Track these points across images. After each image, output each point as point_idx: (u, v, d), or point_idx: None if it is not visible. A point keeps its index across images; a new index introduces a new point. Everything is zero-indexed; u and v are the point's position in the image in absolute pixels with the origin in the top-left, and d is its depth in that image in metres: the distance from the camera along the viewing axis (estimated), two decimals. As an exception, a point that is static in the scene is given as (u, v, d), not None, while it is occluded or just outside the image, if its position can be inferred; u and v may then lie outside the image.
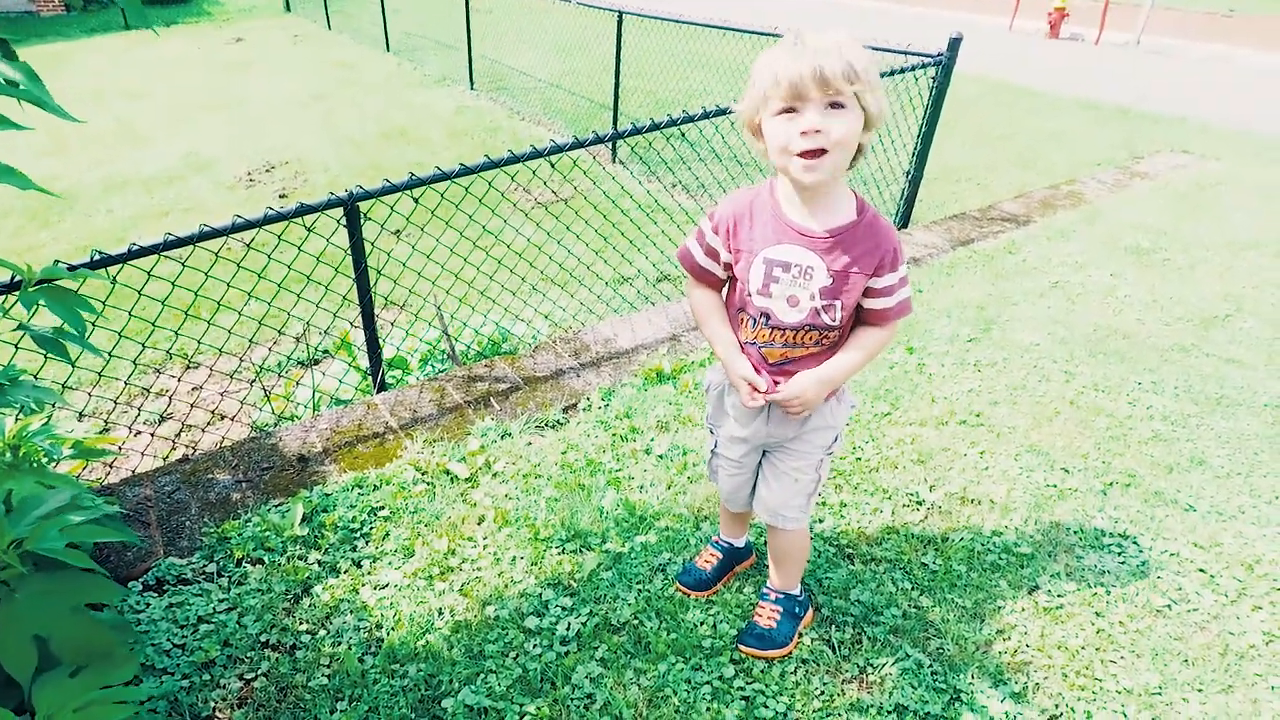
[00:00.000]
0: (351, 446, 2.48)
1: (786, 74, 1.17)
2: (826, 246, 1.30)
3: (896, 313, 1.37)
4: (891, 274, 1.33)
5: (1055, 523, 2.13)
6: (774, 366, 1.42)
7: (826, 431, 1.52)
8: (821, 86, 1.16)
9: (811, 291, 1.32)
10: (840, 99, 1.18)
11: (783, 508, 1.59)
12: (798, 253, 1.32)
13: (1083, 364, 2.91)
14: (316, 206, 2.43)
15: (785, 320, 1.36)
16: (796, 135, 1.20)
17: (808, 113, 1.19)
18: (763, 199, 1.37)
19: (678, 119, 3.09)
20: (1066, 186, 5.00)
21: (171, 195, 6.28)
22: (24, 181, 0.86)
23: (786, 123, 1.21)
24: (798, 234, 1.32)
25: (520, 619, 1.79)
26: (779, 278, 1.33)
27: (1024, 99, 8.09)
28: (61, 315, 1.06)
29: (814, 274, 1.31)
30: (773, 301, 1.36)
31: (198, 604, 1.84)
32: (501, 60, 9.51)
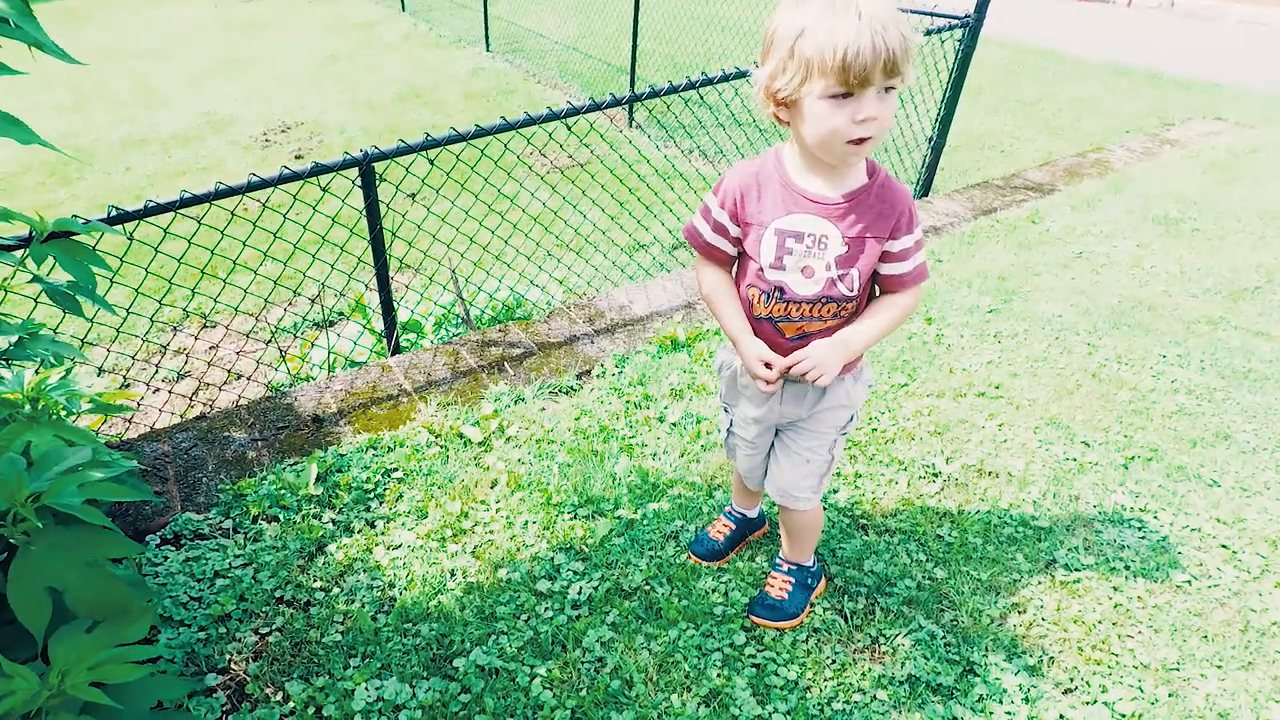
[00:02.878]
0: (366, 408, 2.48)
1: (856, 57, 1.04)
2: (840, 213, 1.24)
3: (915, 277, 1.31)
4: (908, 236, 1.27)
5: (1074, 496, 2.10)
6: (790, 341, 1.36)
7: (841, 410, 1.47)
8: (887, 71, 1.06)
9: (827, 261, 1.26)
10: (894, 83, 1.10)
11: (793, 488, 1.55)
12: (811, 222, 1.25)
13: (1106, 336, 2.84)
14: (332, 166, 2.40)
15: (800, 293, 1.30)
16: (850, 123, 1.11)
17: (867, 100, 1.09)
18: (769, 168, 1.30)
19: (696, 82, 3.01)
20: (1093, 154, 4.86)
21: (189, 154, 6.27)
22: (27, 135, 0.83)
23: (837, 108, 1.10)
24: (810, 202, 1.25)
25: (532, 582, 1.80)
26: (792, 249, 1.27)
27: (1052, 64, 7.84)
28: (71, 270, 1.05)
29: (828, 243, 1.25)
30: (786, 274, 1.29)
31: (214, 559, 1.86)
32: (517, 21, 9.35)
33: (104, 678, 0.95)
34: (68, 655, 0.96)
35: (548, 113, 2.73)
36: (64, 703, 0.94)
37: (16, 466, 1.07)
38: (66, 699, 0.93)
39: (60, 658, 0.95)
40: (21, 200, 5.51)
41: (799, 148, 1.25)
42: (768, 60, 1.17)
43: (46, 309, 2.07)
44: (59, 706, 0.94)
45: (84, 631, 1.01)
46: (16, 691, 0.89)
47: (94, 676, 0.94)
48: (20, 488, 1.01)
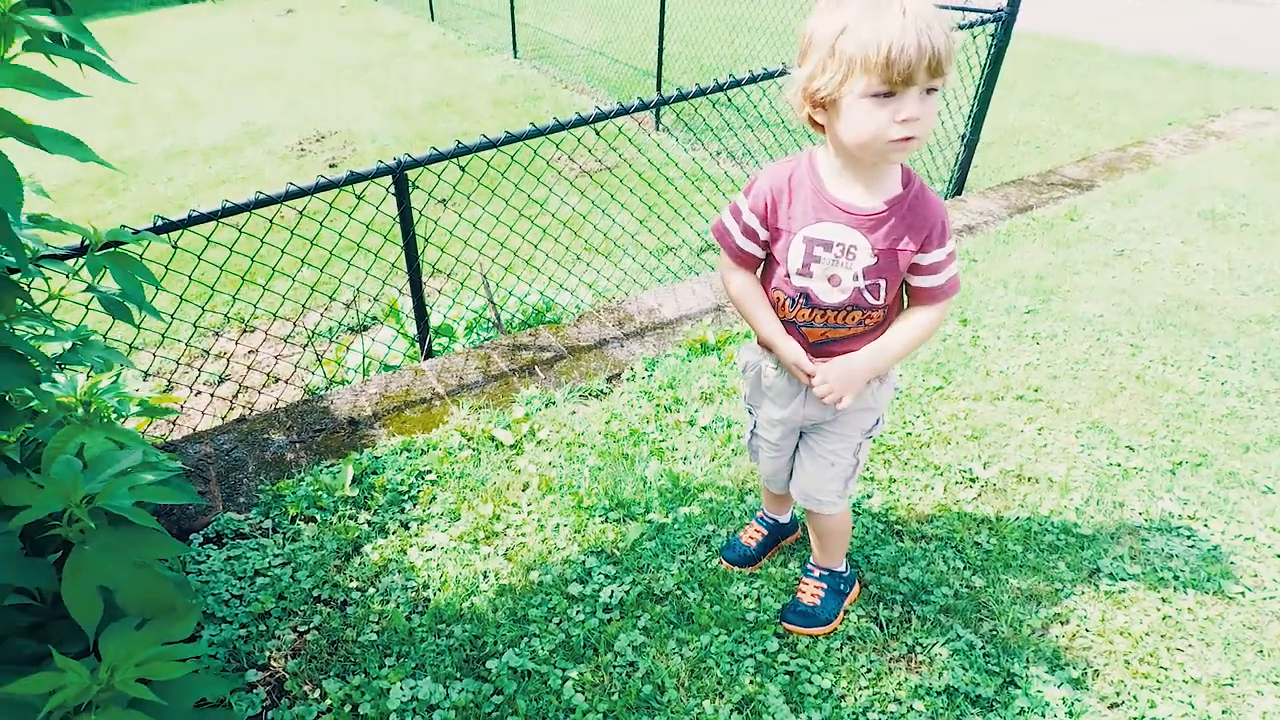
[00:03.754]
0: (400, 411, 2.51)
1: (900, 54, 1.02)
2: (870, 224, 1.22)
3: (946, 291, 1.28)
4: (939, 249, 1.24)
5: (1119, 503, 2.04)
6: (814, 346, 1.35)
7: (867, 414, 1.45)
8: (933, 71, 1.04)
9: (855, 271, 1.24)
10: (937, 84, 1.08)
11: (817, 492, 1.53)
12: (840, 231, 1.23)
13: (1150, 336, 2.76)
14: (366, 175, 2.44)
15: (826, 301, 1.28)
16: (893, 123, 1.08)
17: (909, 99, 1.07)
18: (801, 173, 1.27)
19: (724, 84, 3.00)
20: (1134, 148, 4.73)
21: (228, 164, 6.42)
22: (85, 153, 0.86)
23: (878, 108, 1.08)
24: (840, 211, 1.23)
25: (563, 585, 1.80)
26: (820, 257, 1.25)
27: (1088, 56, 7.66)
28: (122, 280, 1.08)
29: (857, 253, 1.23)
30: (813, 281, 1.28)
31: (254, 558, 1.90)
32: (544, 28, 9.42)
33: (151, 674, 0.97)
34: (117, 651, 0.98)
35: (576, 118, 2.74)
36: (113, 697, 0.97)
37: (73, 469, 1.11)
38: (115, 694, 0.96)
39: (110, 654, 0.97)
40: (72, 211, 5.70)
41: (834, 151, 1.23)
42: (806, 61, 1.15)
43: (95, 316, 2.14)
44: (108, 701, 0.97)
45: (133, 629, 1.04)
46: (68, 685, 0.92)
47: (141, 673, 0.96)
48: (76, 489, 1.04)
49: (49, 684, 0.91)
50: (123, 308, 1.15)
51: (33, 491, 1.03)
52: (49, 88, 0.75)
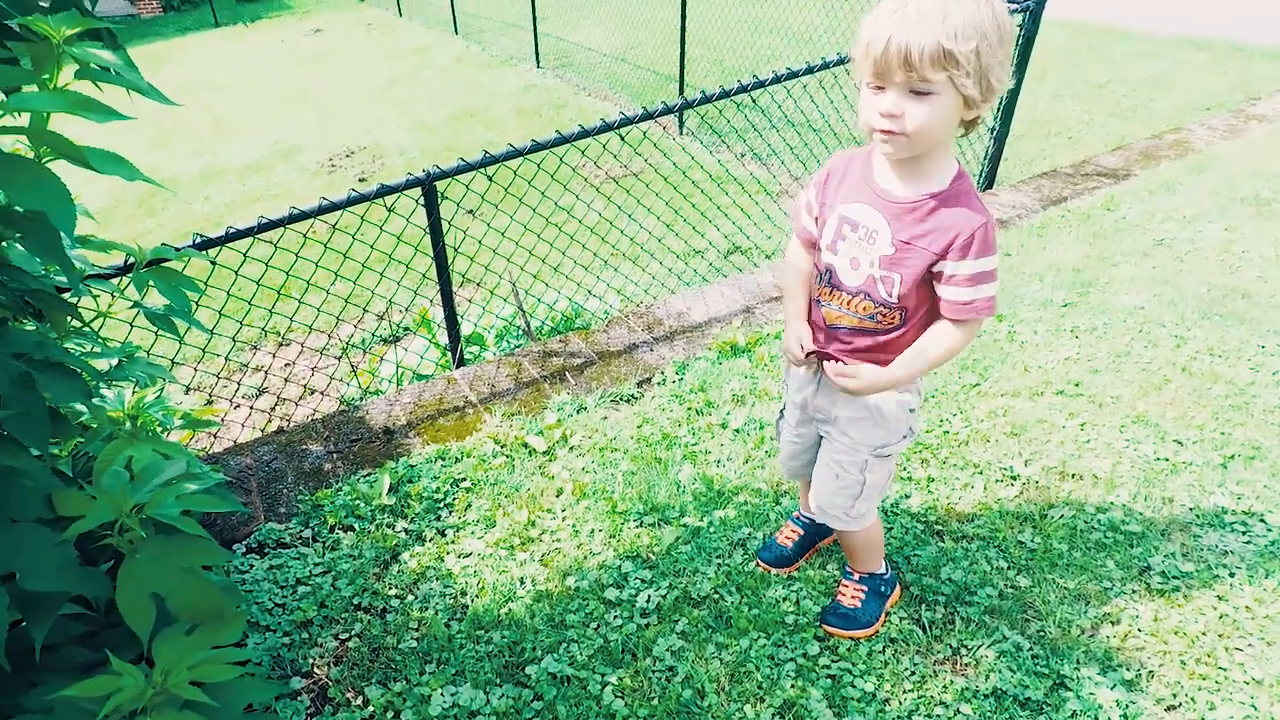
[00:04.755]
0: (433, 420, 2.54)
1: (873, 47, 1.07)
2: (897, 213, 1.21)
3: (970, 310, 1.22)
4: (965, 261, 1.18)
5: (1168, 499, 1.98)
6: (827, 328, 1.37)
7: (871, 427, 1.42)
8: (905, 69, 1.05)
9: (872, 257, 1.25)
10: (926, 86, 1.07)
11: (827, 504, 1.52)
12: (868, 214, 1.25)
13: (1195, 327, 2.68)
14: (396, 187, 2.48)
15: (844, 281, 1.30)
16: (876, 113, 1.12)
17: (890, 94, 1.10)
18: (861, 158, 1.30)
19: (747, 85, 2.99)
20: (1171, 135, 4.60)
21: (261, 182, 6.58)
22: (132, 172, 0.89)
23: (872, 96, 1.13)
24: (874, 195, 1.24)
25: (600, 590, 1.80)
26: (846, 235, 1.28)
27: (1120, 42, 7.49)
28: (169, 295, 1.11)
29: (877, 239, 1.23)
30: (837, 259, 1.30)
31: (296, 567, 1.93)
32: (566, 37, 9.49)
33: (202, 677, 1.00)
34: (170, 656, 1.01)
35: (601, 124, 2.75)
36: (166, 700, 0.99)
37: (122, 480, 1.14)
38: (169, 697, 0.98)
39: (163, 658, 1.00)
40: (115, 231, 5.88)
41: None
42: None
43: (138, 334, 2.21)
44: (162, 704, 0.99)
45: (183, 634, 1.06)
46: (125, 689, 0.94)
47: (194, 676, 0.99)
48: (126, 499, 1.07)
49: (106, 687, 0.94)
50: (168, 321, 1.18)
51: (86, 502, 1.06)
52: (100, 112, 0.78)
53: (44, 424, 0.96)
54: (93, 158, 0.82)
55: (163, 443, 1.43)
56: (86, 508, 1.05)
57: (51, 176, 0.74)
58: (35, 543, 0.96)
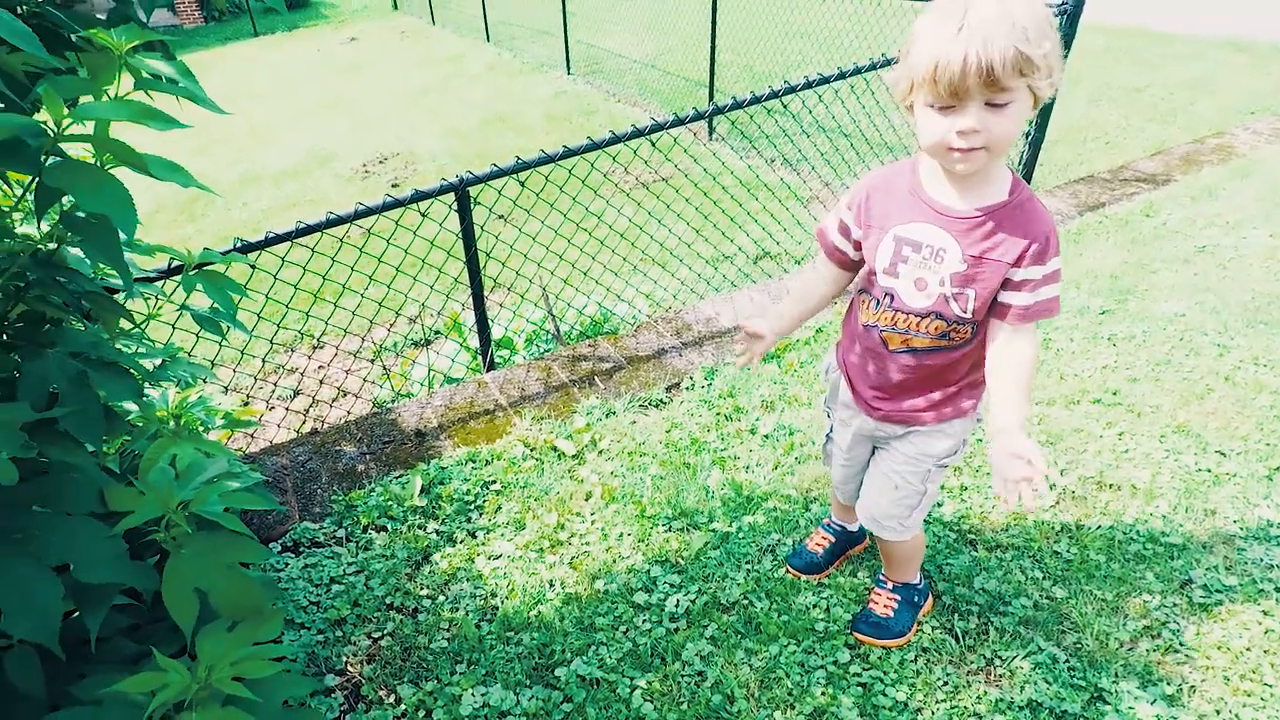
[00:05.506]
0: (464, 423, 2.57)
1: (946, 69, 1.01)
2: (964, 228, 1.17)
3: (1036, 312, 1.18)
4: (1037, 266, 1.15)
5: (1210, 510, 1.93)
6: (894, 353, 1.32)
7: (941, 439, 1.38)
8: (987, 84, 1.01)
9: (941, 276, 1.20)
10: (1004, 97, 1.03)
11: (881, 515, 1.49)
12: (931, 232, 1.20)
13: (1239, 335, 2.61)
14: (430, 193, 2.52)
15: (910, 304, 1.26)
16: (953, 133, 1.07)
17: (968, 112, 1.05)
18: (903, 174, 1.26)
19: (778, 91, 2.99)
20: (1213, 139, 4.50)
21: (297, 188, 6.72)
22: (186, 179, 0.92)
23: (941, 117, 1.08)
24: (934, 212, 1.20)
25: (629, 594, 1.80)
26: (908, 257, 1.23)
27: (1159, 44, 7.33)
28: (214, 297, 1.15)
29: (946, 257, 1.19)
30: (899, 282, 1.25)
31: (329, 566, 1.96)
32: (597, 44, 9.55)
33: (244, 673, 1.02)
34: (213, 651, 1.03)
35: (632, 130, 2.77)
36: (209, 695, 1.02)
37: (168, 477, 1.17)
38: (212, 691, 1.00)
39: (207, 652, 1.02)
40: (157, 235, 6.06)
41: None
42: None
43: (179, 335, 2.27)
44: (205, 699, 1.02)
45: (225, 630, 1.09)
46: (171, 684, 0.97)
47: (236, 671, 1.01)
48: (172, 496, 1.10)
49: (154, 683, 0.97)
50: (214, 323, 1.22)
51: (135, 498, 1.09)
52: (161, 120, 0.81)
53: (99, 421, 1.00)
54: (152, 165, 0.85)
55: (204, 441, 1.47)
56: (136, 503, 1.08)
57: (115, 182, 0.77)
58: (89, 536, 0.99)
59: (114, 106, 0.80)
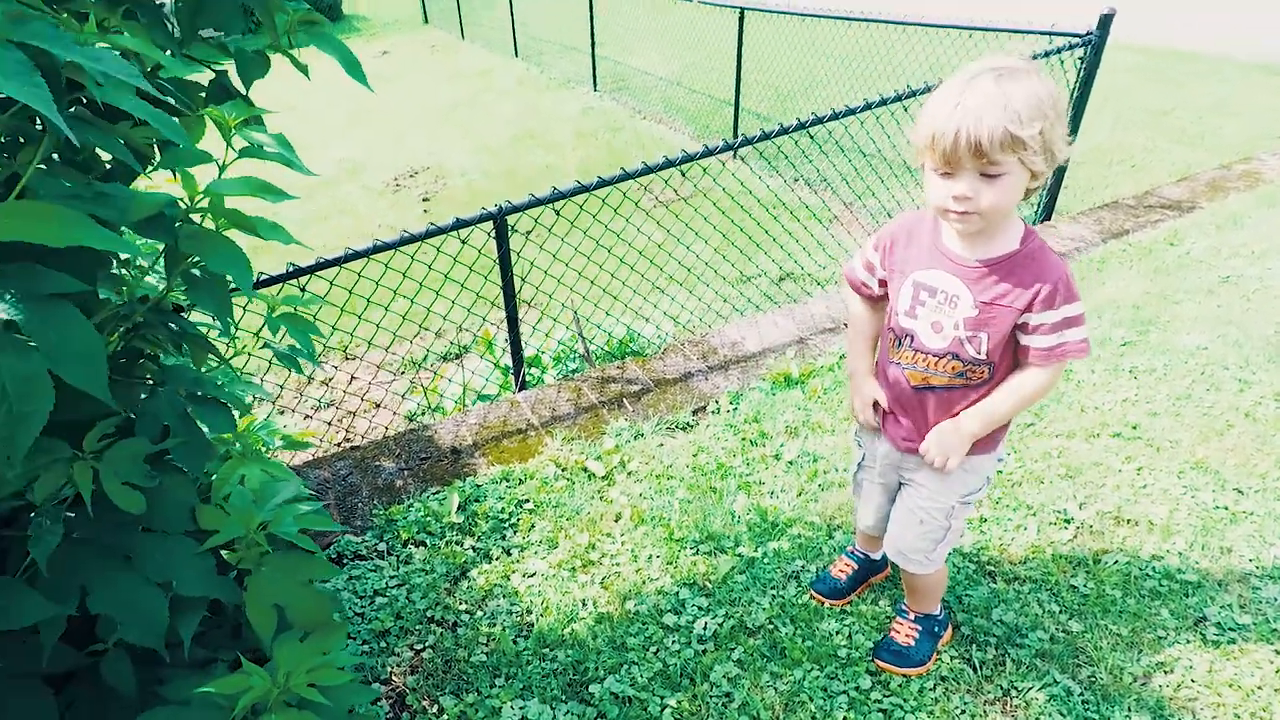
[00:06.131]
0: (498, 441, 2.67)
1: (940, 140, 1.14)
2: (976, 276, 1.28)
3: (1057, 354, 1.28)
4: (1049, 311, 1.25)
5: (1226, 548, 1.98)
6: (915, 390, 1.42)
7: (965, 475, 1.47)
8: (975, 157, 1.13)
9: (955, 320, 1.31)
10: (994, 170, 1.15)
11: (908, 549, 1.57)
12: (946, 279, 1.31)
13: (1261, 370, 2.65)
14: (470, 221, 2.63)
15: (928, 345, 1.36)
16: (950, 198, 1.19)
17: (962, 180, 1.17)
18: (925, 223, 1.37)
19: (806, 122, 3.07)
20: (1240, 165, 4.51)
21: (329, 200, 6.89)
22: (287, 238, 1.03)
23: (941, 181, 1.20)
24: (949, 261, 1.31)
25: (659, 615, 1.89)
26: (925, 301, 1.34)
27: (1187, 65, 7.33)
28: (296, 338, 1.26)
29: (959, 303, 1.30)
30: (918, 324, 1.36)
31: (373, 579, 2.06)
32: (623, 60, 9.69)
33: (317, 680, 1.12)
34: (289, 659, 1.13)
35: (664, 160, 2.87)
36: (284, 699, 1.12)
37: (247, 499, 1.28)
38: (289, 696, 1.10)
39: (284, 661, 1.12)
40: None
41: None
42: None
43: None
44: (280, 703, 1.12)
45: (298, 640, 1.19)
46: (254, 688, 1.07)
47: (311, 678, 1.11)
48: (253, 518, 1.20)
49: (239, 686, 1.07)
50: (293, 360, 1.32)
51: (221, 518, 1.20)
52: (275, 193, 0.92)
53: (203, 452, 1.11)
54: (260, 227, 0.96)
55: (268, 462, 1.57)
56: (222, 523, 1.19)
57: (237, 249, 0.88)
58: (184, 553, 1.10)
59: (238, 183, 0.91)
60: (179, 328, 1.08)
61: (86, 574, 1.04)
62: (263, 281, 2.43)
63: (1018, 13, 4.52)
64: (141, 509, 0.95)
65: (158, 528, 1.07)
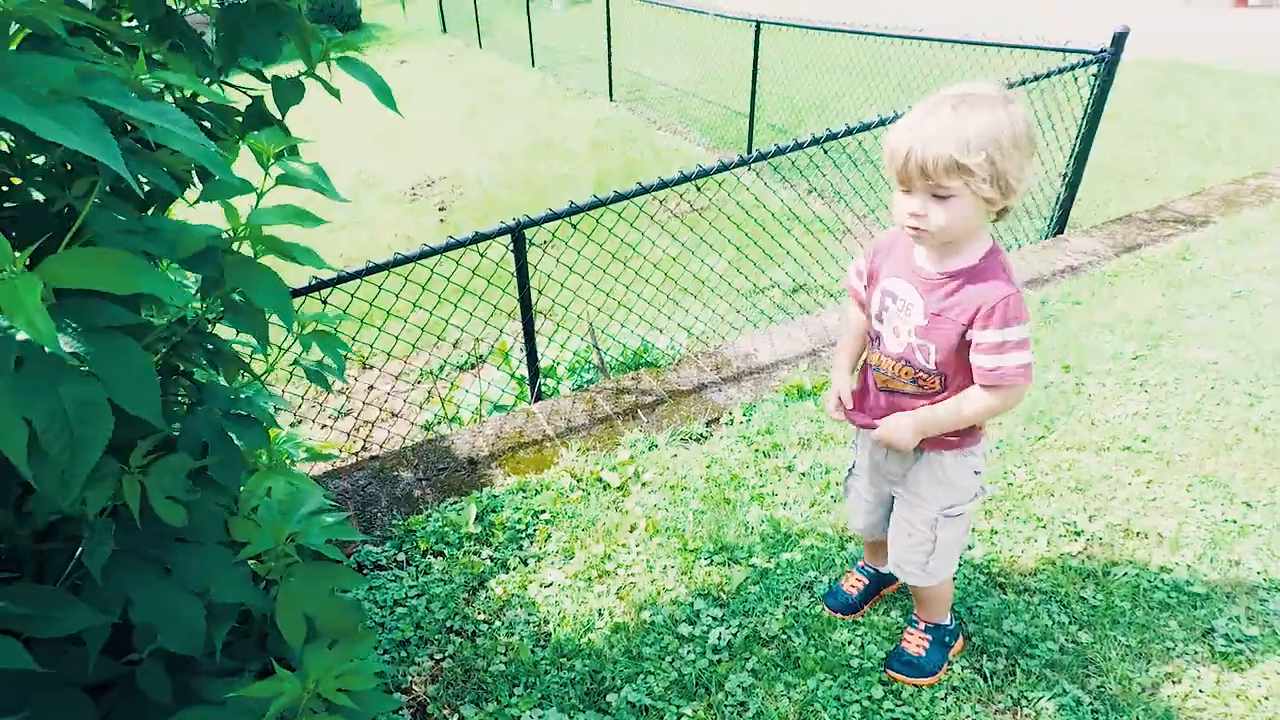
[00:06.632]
0: (514, 452, 2.72)
1: (894, 159, 1.22)
2: (929, 287, 1.35)
3: (996, 376, 1.29)
4: (991, 331, 1.28)
5: (1235, 561, 1.99)
6: (878, 391, 1.51)
7: (941, 488, 1.51)
8: (921, 176, 1.20)
9: (909, 327, 1.38)
10: (942, 191, 1.20)
11: (903, 561, 1.62)
12: (905, 288, 1.38)
13: (1271, 386, 2.65)
14: (489, 234, 2.70)
15: (889, 349, 1.44)
16: (905, 213, 1.27)
17: (915, 197, 1.24)
18: (903, 235, 1.42)
19: (820, 138, 3.12)
20: (1254, 180, 4.50)
21: (347, 211, 6.99)
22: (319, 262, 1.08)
23: (900, 196, 1.28)
24: (911, 271, 1.38)
25: (674, 625, 1.93)
26: (889, 307, 1.42)
27: (1204, 80, 7.31)
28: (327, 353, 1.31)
29: (913, 311, 1.37)
30: (884, 328, 1.45)
31: (393, 589, 2.11)
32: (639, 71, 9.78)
33: (347, 685, 1.17)
34: (318, 666, 1.18)
35: (679, 175, 2.93)
36: (313, 705, 1.16)
37: (275, 511, 1.33)
38: (318, 701, 1.15)
39: (314, 667, 1.17)
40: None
41: None
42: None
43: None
44: (309, 708, 1.17)
45: (326, 647, 1.24)
46: (286, 693, 1.12)
47: (340, 684, 1.16)
48: (282, 529, 1.26)
49: (272, 690, 1.12)
50: (320, 377, 1.38)
51: (253, 529, 1.25)
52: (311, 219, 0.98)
53: (238, 468, 1.16)
54: (296, 252, 1.02)
55: (294, 474, 1.63)
56: (254, 534, 1.24)
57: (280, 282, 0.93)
58: (219, 563, 1.15)
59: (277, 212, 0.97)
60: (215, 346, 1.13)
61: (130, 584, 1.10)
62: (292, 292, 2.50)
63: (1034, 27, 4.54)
64: (183, 522, 1.00)
65: (194, 539, 1.13)
